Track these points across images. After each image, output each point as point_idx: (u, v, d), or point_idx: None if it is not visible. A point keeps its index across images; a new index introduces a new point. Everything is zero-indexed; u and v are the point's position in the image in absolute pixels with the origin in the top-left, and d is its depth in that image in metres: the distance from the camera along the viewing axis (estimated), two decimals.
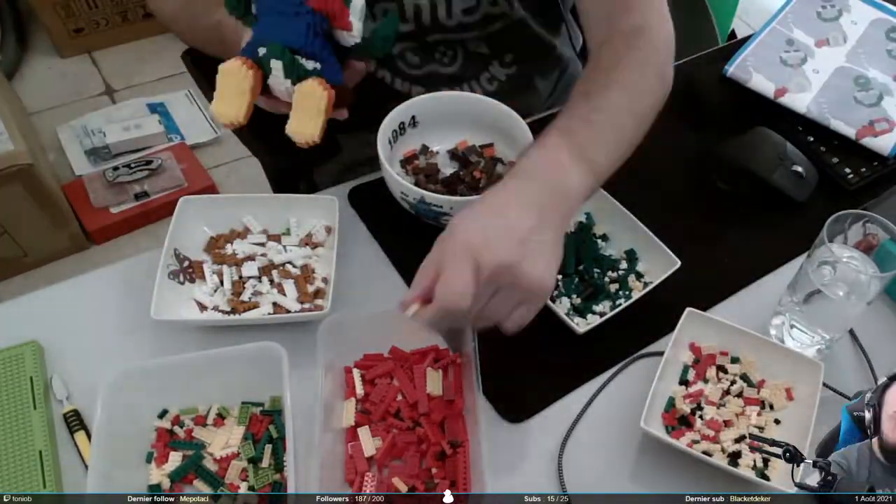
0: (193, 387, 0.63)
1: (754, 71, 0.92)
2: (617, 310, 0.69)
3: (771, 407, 0.66)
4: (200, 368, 0.62)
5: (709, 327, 0.68)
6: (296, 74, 0.61)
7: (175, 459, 0.60)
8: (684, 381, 0.67)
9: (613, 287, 0.73)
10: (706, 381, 0.67)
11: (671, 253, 0.72)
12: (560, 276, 0.72)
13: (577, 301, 0.71)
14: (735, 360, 0.68)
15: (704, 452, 0.61)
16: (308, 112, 0.61)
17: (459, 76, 0.90)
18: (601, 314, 0.70)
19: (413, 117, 0.80)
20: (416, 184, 0.76)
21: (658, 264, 0.72)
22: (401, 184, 0.72)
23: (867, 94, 0.91)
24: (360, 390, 0.64)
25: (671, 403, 0.65)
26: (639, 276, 0.74)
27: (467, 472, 0.58)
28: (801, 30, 0.97)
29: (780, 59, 0.94)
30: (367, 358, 0.67)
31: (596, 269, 0.73)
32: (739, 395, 0.66)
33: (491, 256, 0.52)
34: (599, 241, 0.76)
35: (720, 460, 0.61)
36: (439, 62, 0.88)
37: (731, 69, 0.93)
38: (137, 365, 0.61)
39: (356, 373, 0.66)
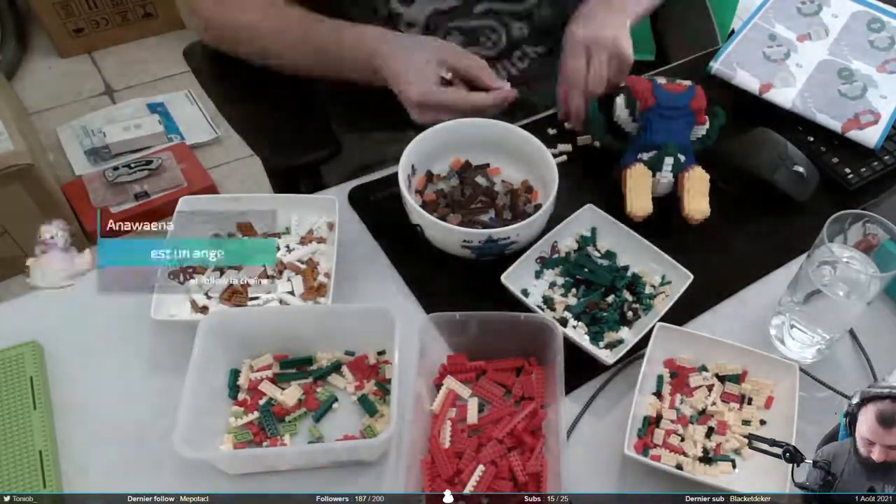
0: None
1: (739, 67, 0.93)
2: (644, 331, 0.67)
3: (749, 401, 0.65)
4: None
5: (682, 340, 0.68)
6: (679, 168, 0.78)
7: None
8: (658, 393, 0.66)
9: (631, 311, 0.71)
10: (683, 396, 0.66)
11: (681, 267, 0.71)
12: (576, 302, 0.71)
13: (594, 329, 0.70)
14: (703, 369, 0.67)
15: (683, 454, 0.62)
16: (701, 192, 0.77)
17: (495, 57, 0.94)
18: (621, 340, 0.69)
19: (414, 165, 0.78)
20: (442, 218, 0.73)
21: (668, 277, 0.73)
22: (464, 232, 0.70)
23: (851, 86, 0.91)
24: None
25: (646, 423, 0.64)
26: (650, 297, 0.72)
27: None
28: (783, 25, 0.97)
29: (764, 54, 0.94)
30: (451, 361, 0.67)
31: (624, 294, 0.72)
32: (720, 396, 0.66)
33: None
34: (602, 259, 0.74)
35: (696, 462, 0.62)
36: (483, 45, 0.92)
37: (716, 66, 0.93)
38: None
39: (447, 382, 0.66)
